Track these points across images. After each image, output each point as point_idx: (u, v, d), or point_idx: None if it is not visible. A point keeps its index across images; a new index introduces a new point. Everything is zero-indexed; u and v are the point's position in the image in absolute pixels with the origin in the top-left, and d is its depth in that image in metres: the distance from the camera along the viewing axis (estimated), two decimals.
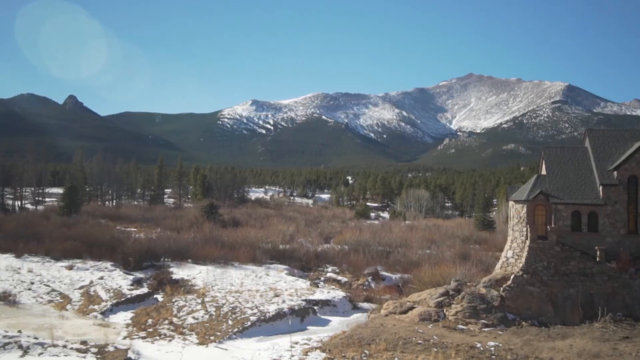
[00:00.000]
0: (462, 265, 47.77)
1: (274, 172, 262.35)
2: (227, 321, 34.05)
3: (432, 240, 73.18)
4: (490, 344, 29.12)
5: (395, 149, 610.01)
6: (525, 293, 34.85)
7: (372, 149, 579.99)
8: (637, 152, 36.64)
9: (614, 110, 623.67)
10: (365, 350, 27.92)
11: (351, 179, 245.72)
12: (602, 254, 34.75)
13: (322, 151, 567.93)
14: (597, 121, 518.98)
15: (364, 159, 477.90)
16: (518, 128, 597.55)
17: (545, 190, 38.61)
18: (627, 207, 36.59)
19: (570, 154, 41.35)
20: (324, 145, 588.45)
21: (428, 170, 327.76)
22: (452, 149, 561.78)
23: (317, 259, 60.07)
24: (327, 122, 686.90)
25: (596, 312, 32.79)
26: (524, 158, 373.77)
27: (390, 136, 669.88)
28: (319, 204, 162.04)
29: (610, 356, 26.27)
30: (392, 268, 56.62)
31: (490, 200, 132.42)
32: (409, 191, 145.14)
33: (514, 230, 40.76)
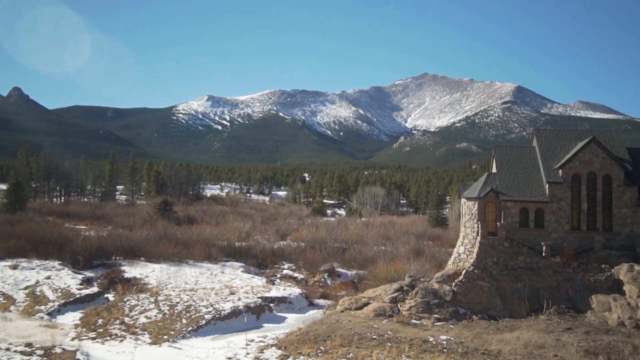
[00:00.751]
0: (416, 261, 48.72)
1: (230, 169, 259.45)
2: (181, 320, 33.49)
3: (387, 237, 74.23)
4: (442, 337, 29.87)
5: (352, 146, 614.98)
6: (476, 288, 35.93)
7: (329, 147, 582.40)
8: (580, 151, 38.39)
9: (560, 111, 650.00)
10: (321, 347, 28.10)
11: (308, 176, 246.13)
12: (547, 249, 36.25)
13: (279, 148, 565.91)
14: (544, 121, 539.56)
15: (321, 157, 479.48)
16: (470, 127, 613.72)
17: (495, 188, 39.89)
18: (571, 204, 38.31)
19: (519, 153, 42.88)
20: (280, 142, 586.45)
21: (384, 168, 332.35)
22: (407, 147, 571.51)
23: (274, 256, 59.90)
24: (284, 119, 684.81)
25: (542, 305, 34.20)
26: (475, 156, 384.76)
27: (347, 134, 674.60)
28: (275, 201, 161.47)
29: (553, 347, 27.46)
30: (348, 264, 57.12)
31: (443, 198, 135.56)
32: (365, 188, 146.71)
33: (466, 227, 41.93)
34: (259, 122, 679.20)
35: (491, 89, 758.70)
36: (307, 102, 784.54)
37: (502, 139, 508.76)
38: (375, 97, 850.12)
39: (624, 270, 34.07)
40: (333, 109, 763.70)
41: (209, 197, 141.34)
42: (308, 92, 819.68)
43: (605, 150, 38.09)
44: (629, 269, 34.03)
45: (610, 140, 40.95)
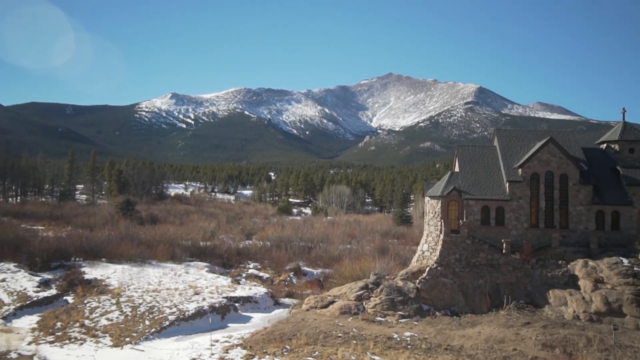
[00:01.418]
0: (381, 259, 49.22)
1: (194, 168, 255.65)
2: (143, 321, 32.89)
3: (352, 235, 74.73)
4: (406, 334, 30.32)
5: (318, 145, 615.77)
6: (439, 284, 36.60)
7: (294, 146, 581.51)
8: (538, 151, 39.57)
9: (519, 112, 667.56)
10: (287, 346, 28.09)
11: (274, 175, 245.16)
12: (507, 246, 37.25)
13: (244, 147, 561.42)
14: (505, 122, 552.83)
15: (287, 155, 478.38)
16: (434, 127, 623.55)
17: (458, 186, 40.70)
18: (530, 202, 39.47)
19: (480, 152, 43.87)
20: (246, 140, 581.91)
21: (349, 167, 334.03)
22: (373, 147, 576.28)
23: (239, 255, 59.48)
24: (249, 118, 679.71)
25: (502, 301, 35.13)
26: (439, 156, 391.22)
27: (312, 133, 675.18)
28: (240, 200, 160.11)
29: (513, 341, 28.26)
30: (314, 263, 57.25)
31: (408, 196, 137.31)
32: (330, 187, 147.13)
33: (430, 225, 42.63)
34: (224, 120, 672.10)
35: (454, 90, 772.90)
36: (272, 100, 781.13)
37: (464, 139, 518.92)
38: (341, 96, 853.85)
39: (579, 266, 35.33)
40: (299, 107, 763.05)
41: (173, 196, 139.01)
42: (274, 91, 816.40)
43: (562, 150, 39.38)
44: (583, 264, 35.32)
45: (566, 140, 42.35)
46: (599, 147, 43.47)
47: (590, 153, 42.12)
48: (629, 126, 41.96)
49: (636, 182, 38.56)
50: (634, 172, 39.33)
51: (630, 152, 40.64)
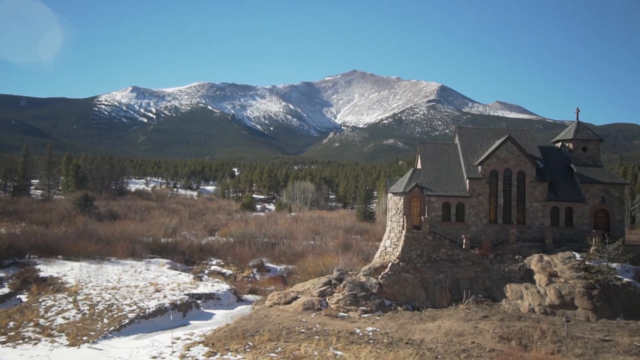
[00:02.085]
0: (345, 255, 49.58)
1: (156, 163, 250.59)
2: (102, 320, 32.14)
3: (316, 232, 74.95)
4: (368, 329, 30.67)
5: (282, 141, 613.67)
6: (401, 280, 37.15)
7: (259, 141, 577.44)
8: (497, 149, 40.63)
9: (480, 111, 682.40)
10: (249, 342, 27.98)
11: (237, 171, 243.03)
12: (467, 242, 38.13)
13: (207, 142, 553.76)
14: (466, 120, 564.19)
15: (251, 151, 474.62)
16: (397, 124, 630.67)
17: (420, 183, 41.36)
18: (489, 198, 40.51)
19: (442, 150, 44.72)
20: (209, 136, 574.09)
21: (313, 163, 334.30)
22: (337, 143, 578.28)
23: (201, 252, 58.76)
24: (213, 113, 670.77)
25: (461, 295, 35.95)
26: (402, 153, 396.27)
27: (277, 129, 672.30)
28: (203, 196, 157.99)
29: (472, 334, 28.98)
30: (278, 259, 57.14)
31: (371, 193, 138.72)
32: (294, 183, 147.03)
33: (392, 221, 43.19)
34: (187, 115, 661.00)
35: (417, 88, 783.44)
36: (236, 96, 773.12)
37: (427, 136, 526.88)
38: (305, 92, 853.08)
39: (534, 261, 36.50)
40: (263, 103, 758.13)
41: (134, 192, 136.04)
42: (238, 86, 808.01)
43: (520, 148, 40.54)
44: (539, 259, 36.52)
45: (524, 139, 43.63)
46: (554, 146, 44.96)
47: (546, 151, 43.53)
48: (582, 126, 43.55)
49: (588, 179, 40.09)
50: (586, 170, 40.87)
51: (584, 150, 42.21)
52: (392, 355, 25.55)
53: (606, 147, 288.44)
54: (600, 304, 32.35)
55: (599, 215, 39.86)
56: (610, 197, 39.80)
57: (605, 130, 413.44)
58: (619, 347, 26.28)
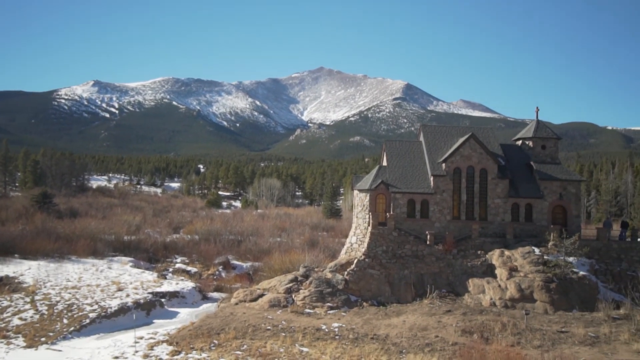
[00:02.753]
0: (311, 252, 49.68)
1: (119, 159, 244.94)
2: (61, 320, 31.26)
3: (282, 228, 74.81)
4: (334, 325, 30.86)
5: (249, 138, 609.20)
6: (366, 276, 37.50)
7: (225, 138, 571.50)
8: (461, 147, 41.41)
9: (444, 109, 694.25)
10: (215, 340, 27.74)
11: (203, 168, 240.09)
12: (431, 238, 38.77)
13: (172, 138, 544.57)
14: (430, 118, 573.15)
15: (217, 148, 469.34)
16: (363, 122, 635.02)
17: (385, 180, 41.79)
18: (453, 195, 41.27)
19: (407, 147, 45.28)
20: (174, 132, 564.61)
21: (280, 160, 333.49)
22: (303, 140, 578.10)
23: (166, 249, 57.86)
24: (178, 108, 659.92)
25: (426, 290, 36.56)
26: (368, 150, 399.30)
27: (243, 125, 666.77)
28: (168, 193, 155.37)
29: (435, 328, 29.52)
30: (244, 256, 56.80)
31: (337, 190, 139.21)
32: (261, 180, 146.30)
33: (358, 218, 43.51)
34: (151, 110, 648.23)
35: (383, 86, 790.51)
36: (202, 91, 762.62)
37: (392, 134, 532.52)
38: (272, 89, 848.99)
39: (496, 256, 37.43)
40: (229, 99, 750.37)
41: (95, 188, 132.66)
42: (203, 82, 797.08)
43: (482, 146, 41.44)
44: (500, 254, 37.46)
45: (486, 137, 44.61)
46: (515, 144, 46.11)
47: (507, 149, 44.63)
48: (541, 124, 44.83)
49: (547, 176, 41.33)
50: (545, 167, 42.12)
51: (543, 148, 43.46)
52: (357, 350, 25.78)
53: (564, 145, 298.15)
54: (557, 296, 33.44)
55: (557, 211, 41.16)
56: (568, 194, 41.14)
57: (564, 128, 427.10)
58: (574, 338, 27.24)
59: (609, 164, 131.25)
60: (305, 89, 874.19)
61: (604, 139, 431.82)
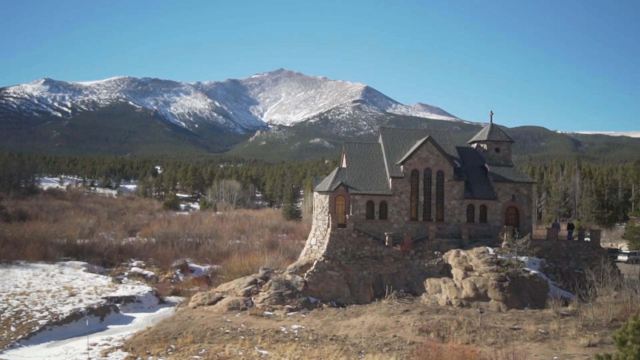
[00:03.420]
0: (270, 254, 49.47)
1: (71, 160, 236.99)
2: (9, 328, 30.00)
3: (242, 231, 74.21)
4: (294, 326, 30.83)
5: (207, 139, 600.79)
6: (326, 277, 37.65)
7: (183, 139, 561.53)
8: (418, 149, 42.19)
9: (402, 112, 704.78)
10: (172, 345, 27.25)
11: (160, 169, 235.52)
12: (390, 239, 39.30)
13: (128, 139, 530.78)
14: (389, 120, 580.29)
15: (175, 149, 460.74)
16: (323, 124, 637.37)
17: (345, 182, 42.10)
18: (410, 197, 41.99)
19: (366, 149, 45.78)
20: (130, 132, 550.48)
21: (240, 162, 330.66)
22: (263, 141, 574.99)
23: (121, 253, 56.40)
24: (134, 108, 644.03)
25: (384, 290, 37.02)
26: (328, 152, 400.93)
27: (202, 126, 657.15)
28: (124, 195, 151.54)
29: (393, 328, 29.94)
30: (202, 259, 56.02)
31: (297, 191, 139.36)
32: (220, 182, 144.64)
33: (318, 219, 43.65)
34: (106, 110, 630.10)
35: (343, 88, 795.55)
36: (159, 91, 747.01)
37: (352, 136, 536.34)
38: (231, 89, 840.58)
39: (452, 256, 38.30)
40: (188, 99, 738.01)
41: (46, 190, 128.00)
42: (161, 81, 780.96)
43: (439, 148, 42.35)
44: (456, 254, 38.35)
45: (443, 139, 45.62)
46: (470, 146, 47.34)
47: (463, 151, 45.78)
48: (495, 127, 46.21)
49: (500, 178, 42.62)
50: (499, 170, 43.43)
51: (496, 151, 44.79)
52: (317, 352, 25.84)
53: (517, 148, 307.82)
54: (510, 295, 34.51)
55: (509, 212, 42.50)
56: (520, 195, 42.55)
57: (516, 132, 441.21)
58: (526, 335, 28.19)
59: (558, 167, 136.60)
60: (265, 91, 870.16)
61: (554, 142, 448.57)
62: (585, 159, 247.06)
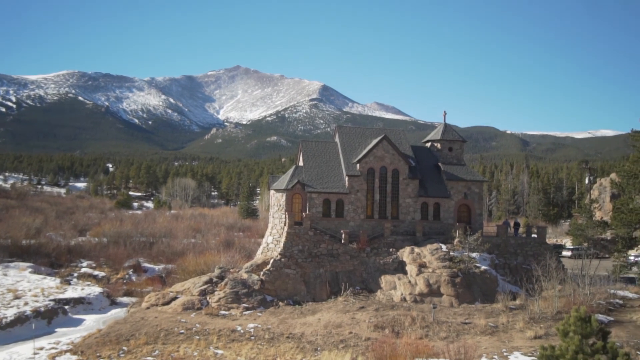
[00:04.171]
0: (226, 253, 49.00)
1: (16, 157, 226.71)
2: None
3: (197, 229, 73.12)
4: (250, 325, 30.68)
5: (162, 136, 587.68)
6: (282, 275, 37.62)
7: (136, 136, 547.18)
8: (374, 148, 42.75)
9: (359, 111, 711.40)
10: (124, 347, 26.60)
11: (112, 167, 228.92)
12: (346, 237, 39.68)
13: (78, 135, 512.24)
14: (346, 119, 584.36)
15: (127, 146, 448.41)
16: (280, 122, 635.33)
17: (301, 180, 42.17)
18: (366, 195, 42.52)
19: (323, 148, 46.00)
20: (80, 129, 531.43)
21: (195, 159, 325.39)
22: (220, 139, 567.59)
23: (70, 253, 54.47)
24: (84, 104, 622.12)
25: (340, 288, 37.34)
26: (285, 150, 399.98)
27: (156, 123, 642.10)
28: (73, 193, 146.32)
29: (349, 325, 30.26)
30: (156, 259, 54.89)
31: (254, 190, 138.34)
32: (175, 180, 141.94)
33: (274, 217, 43.55)
34: (54, 105, 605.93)
35: (300, 86, 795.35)
36: (111, 87, 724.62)
37: (309, 134, 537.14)
38: (187, 86, 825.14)
39: (406, 253, 39.04)
40: (141, 96, 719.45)
41: None
42: (113, 77, 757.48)
43: (395, 147, 43.05)
44: (410, 251, 39.12)
45: (398, 138, 46.39)
46: (424, 146, 48.36)
47: (417, 150, 46.70)
48: (448, 127, 47.35)
49: (453, 177, 43.73)
50: (452, 169, 44.55)
51: (450, 150, 45.93)
52: (273, 350, 25.82)
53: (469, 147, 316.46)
54: (462, 290, 35.51)
55: (462, 209, 43.69)
56: (472, 193, 43.80)
57: (468, 132, 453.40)
58: (476, 329, 29.09)
59: (508, 166, 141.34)
60: (221, 88, 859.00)
61: (504, 142, 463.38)
62: (533, 158, 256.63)
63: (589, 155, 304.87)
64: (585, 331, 13.48)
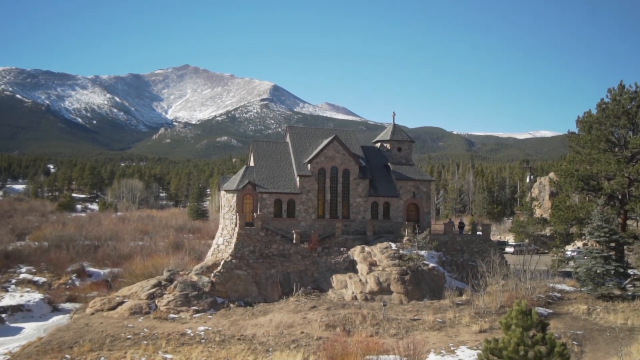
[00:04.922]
0: (176, 255, 48.02)
1: None
2: None
3: (145, 232, 71.21)
4: (200, 328, 30.21)
5: (107, 136, 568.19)
6: (233, 277, 37.26)
7: (79, 136, 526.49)
8: (325, 148, 43.03)
9: (310, 111, 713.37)
10: (67, 355, 25.62)
11: (54, 168, 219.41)
12: (297, 237, 39.74)
13: (16, 135, 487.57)
14: (297, 119, 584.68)
15: (70, 146, 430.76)
16: (231, 122, 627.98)
17: (253, 180, 41.90)
18: (318, 195, 42.74)
19: (274, 148, 45.89)
20: (18, 128, 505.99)
21: (142, 160, 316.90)
22: (168, 139, 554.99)
23: (7, 259, 51.82)
24: (23, 102, 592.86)
25: (292, 288, 37.34)
26: (235, 150, 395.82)
27: (101, 122, 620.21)
28: (10, 195, 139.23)
29: (301, 324, 30.33)
30: (101, 263, 53.13)
31: (204, 190, 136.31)
32: (121, 181, 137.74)
33: (225, 219, 43.06)
34: None
35: (250, 86, 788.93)
36: (52, 84, 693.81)
37: (260, 134, 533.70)
38: (133, 85, 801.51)
39: (357, 252, 39.51)
40: (85, 94, 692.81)
41: None
42: (54, 74, 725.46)
43: (345, 147, 43.48)
44: (361, 250, 39.62)
45: (349, 139, 46.89)
46: (374, 146, 49.09)
47: (367, 151, 47.36)
48: (397, 128, 48.28)
49: (402, 177, 44.63)
50: (401, 168, 45.45)
51: (399, 150, 46.83)
52: (224, 352, 25.53)
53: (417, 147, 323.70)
54: (411, 287, 36.29)
55: (410, 208, 44.66)
56: (420, 193, 44.84)
57: (417, 132, 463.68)
58: (425, 325, 29.82)
59: (454, 166, 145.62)
60: (169, 87, 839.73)
61: (451, 142, 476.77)
62: (478, 158, 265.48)
63: (529, 155, 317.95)
64: (526, 324, 14.10)
